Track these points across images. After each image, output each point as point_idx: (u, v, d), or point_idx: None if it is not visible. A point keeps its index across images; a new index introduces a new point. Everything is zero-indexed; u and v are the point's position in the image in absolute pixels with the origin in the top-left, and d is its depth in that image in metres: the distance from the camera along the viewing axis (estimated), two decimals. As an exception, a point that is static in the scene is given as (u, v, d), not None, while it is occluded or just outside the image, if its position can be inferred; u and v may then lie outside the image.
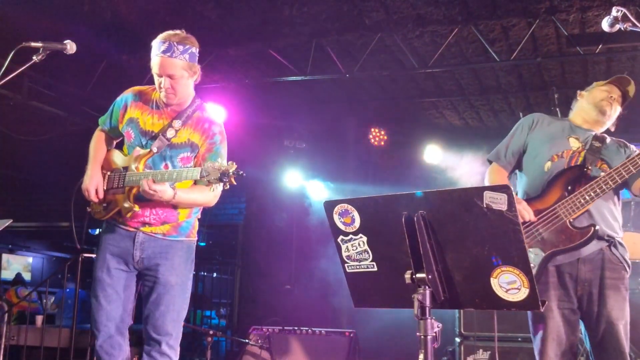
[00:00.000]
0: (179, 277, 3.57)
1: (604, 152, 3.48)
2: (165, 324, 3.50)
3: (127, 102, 3.64)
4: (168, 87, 3.45)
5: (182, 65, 3.44)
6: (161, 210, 3.53)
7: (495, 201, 2.17)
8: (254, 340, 6.02)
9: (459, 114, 9.65)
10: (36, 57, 3.36)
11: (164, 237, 3.56)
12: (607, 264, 3.34)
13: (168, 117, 3.58)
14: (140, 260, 3.53)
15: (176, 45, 3.42)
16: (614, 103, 3.58)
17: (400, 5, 6.37)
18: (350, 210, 2.45)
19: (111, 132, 3.75)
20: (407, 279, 2.32)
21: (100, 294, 3.49)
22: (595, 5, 6.24)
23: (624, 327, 3.27)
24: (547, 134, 3.62)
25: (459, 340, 5.62)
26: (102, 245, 3.58)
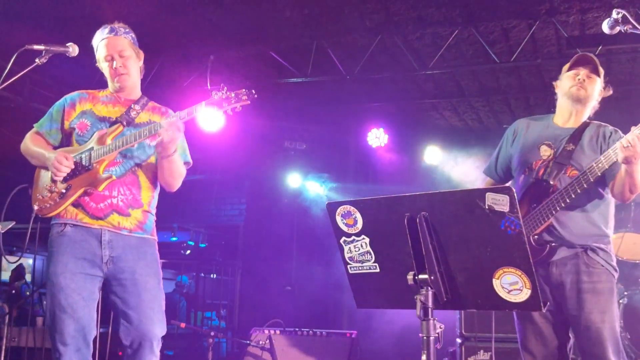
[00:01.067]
0: (156, 276, 3.43)
1: (576, 156, 3.38)
2: (153, 326, 3.33)
3: (73, 99, 3.56)
4: (120, 65, 3.46)
5: (128, 43, 3.52)
6: (129, 189, 3.40)
7: (497, 203, 2.18)
8: (255, 341, 6.02)
9: (459, 115, 9.66)
10: (39, 59, 3.37)
11: (131, 234, 3.38)
12: (582, 267, 3.27)
13: (123, 105, 3.55)
14: (109, 260, 3.30)
15: (118, 28, 3.52)
16: (587, 83, 3.45)
17: (400, 7, 6.38)
18: (353, 211, 2.46)
19: (49, 135, 3.54)
20: (410, 280, 2.33)
21: (64, 302, 3.19)
22: (595, 7, 6.25)
23: (609, 330, 3.20)
24: (522, 145, 3.58)
25: (460, 341, 5.62)
26: (60, 247, 3.29)
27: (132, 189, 3.41)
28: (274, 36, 7.06)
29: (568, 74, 3.50)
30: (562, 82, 3.55)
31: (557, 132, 3.51)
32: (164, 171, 3.44)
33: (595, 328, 3.19)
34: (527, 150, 3.54)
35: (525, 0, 6.23)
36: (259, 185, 10.25)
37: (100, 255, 3.29)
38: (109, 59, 3.47)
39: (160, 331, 3.36)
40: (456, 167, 9.62)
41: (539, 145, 3.50)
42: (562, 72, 3.60)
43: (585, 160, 3.35)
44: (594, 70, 3.47)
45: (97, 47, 3.53)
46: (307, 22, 6.77)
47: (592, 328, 3.20)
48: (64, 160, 3.29)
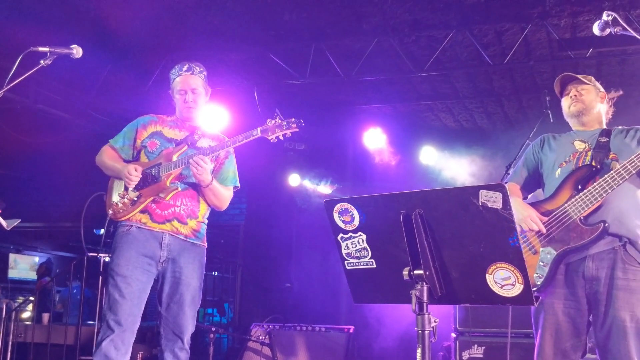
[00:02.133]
0: (199, 279, 3.84)
1: (613, 145, 3.39)
2: (188, 322, 3.74)
3: (145, 122, 3.99)
4: (191, 100, 3.90)
5: (201, 82, 3.98)
6: (190, 202, 3.81)
7: (491, 200, 2.18)
8: (255, 337, 6.02)
9: (453, 117, 9.65)
10: (43, 61, 3.40)
11: (186, 239, 3.79)
12: (618, 263, 3.21)
13: (188, 130, 3.99)
14: (165, 261, 3.73)
15: (194, 67, 3.97)
16: (581, 96, 3.52)
17: (396, 10, 6.37)
18: (350, 209, 2.46)
19: (122, 150, 3.97)
20: (405, 275, 2.33)
21: (125, 290, 3.59)
22: (586, 10, 6.25)
23: (635, 329, 3.13)
24: (555, 146, 3.60)
25: (455, 336, 5.62)
26: (125, 244, 3.69)
27: (192, 201, 3.84)
28: (273, 39, 7.05)
29: (564, 99, 3.63)
30: (564, 109, 3.67)
31: (586, 133, 3.56)
32: (207, 195, 3.87)
33: (622, 326, 3.13)
34: (562, 148, 3.55)
35: (518, 4, 6.23)
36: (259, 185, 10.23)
37: (159, 255, 3.71)
38: (183, 93, 3.92)
39: (192, 328, 3.79)
40: (451, 166, 9.63)
41: (573, 142, 3.53)
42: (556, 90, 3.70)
43: (624, 146, 3.36)
44: (581, 82, 3.56)
45: (173, 80, 3.98)
46: (306, 25, 6.76)
47: (620, 325, 3.14)
48: (134, 171, 3.71)
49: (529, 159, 3.73)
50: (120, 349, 3.56)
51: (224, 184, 3.98)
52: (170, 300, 3.72)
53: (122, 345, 3.57)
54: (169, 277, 3.74)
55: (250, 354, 6.02)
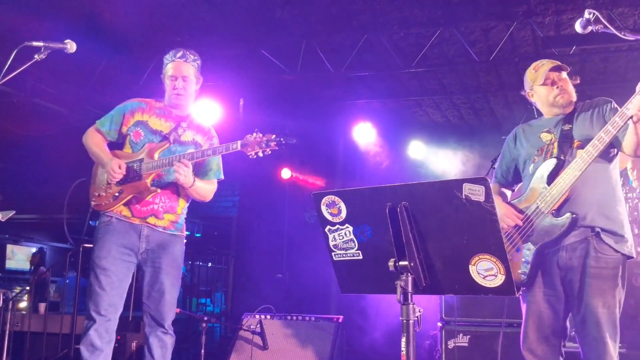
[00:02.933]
0: (178, 269, 3.88)
1: (576, 132, 3.37)
2: (168, 309, 3.79)
3: (133, 107, 3.92)
4: (181, 87, 3.84)
5: (193, 70, 3.92)
6: (168, 199, 3.82)
7: (474, 193, 2.18)
8: (246, 326, 6.02)
9: (441, 112, 9.67)
10: (38, 55, 3.38)
11: (165, 231, 3.82)
12: (591, 252, 3.22)
13: (174, 121, 3.93)
14: (144, 252, 3.76)
15: (188, 54, 3.92)
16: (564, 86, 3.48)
17: (385, 7, 6.37)
18: (337, 201, 2.45)
19: (109, 134, 3.92)
20: (391, 266, 2.33)
21: (104, 281, 3.64)
22: (570, 9, 6.27)
23: (607, 315, 3.16)
24: (525, 141, 3.60)
25: (441, 325, 5.64)
26: (105, 236, 3.73)
27: (171, 198, 3.84)
28: (265, 35, 7.04)
29: (545, 88, 3.51)
30: (539, 94, 3.56)
31: (551, 121, 3.53)
32: (189, 193, 3.88)
33: (595, 312, 3.16)
34: (531, 143, 3.55)
35: (503, 2, 6.24)
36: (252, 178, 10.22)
37: (138, 246, 3.75)
38: (173, 79, 3.86)
39: (172, 314, 3.84)
40: (439, 160, 9.66)
41: (539, 134, 3.52)
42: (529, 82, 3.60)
43: (586, 131, 3.33)
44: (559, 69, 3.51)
45: (165, 65, 3.93)
46: (297, 21, 6.75)
47: (592, 312, 3.16)
48: (117, 169, 3.71)
49: (505, 156, 3.73)
50: (104, 337, 3.64)
51: (206, 177, 3.98)
52: (151, 289, 3.77)
53: (105, 333, 3.65)
54: (149, 267, 3.78)
55: (242, 342, 6.02)
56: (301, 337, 5.92)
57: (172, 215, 3.86)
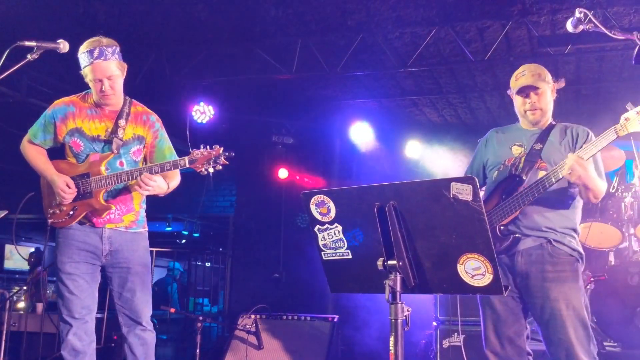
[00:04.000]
0: (146, 266, 3.81)
1: (545, 153, 3.40)
2: (143, 306, 3.73)
3: (63, 114, 3.71)
4: (108, 88, 3.59)
5: (116, 65, 3.60)
6: (124, 204, 3.73)
7: (461, 192, 2.18)
8: (242, 326, 6.03)
9: (438, 112, 9.66)
10: (30, 55, 3.36)
11: (127, 230, 3.75)
12: (547, 257, 3.26)
13: (109, 119, 3.72)
14: (108, 254, 3.68)
15: (106, 49, 3.56)
16: (537, 102, 3.46)
17: (380, 7, 6.36)
18: (327, 200, 2.45)
19: (45, 144, 3.79)
20: (380, 265, 2.33)
21: (71, 286, 3.59)
22: (565, 8, 6.26)
23: (574, 317, 3.17)
24: (496, 147, 3.61)
25: (436, 325, 5.65)
26: (66, 239, 3.66)
27: (126, 202, 3.74)
28: (260, 34, 7.03)
29: (518, 97, 3.51)
30: (515, 102, 3.57)
31: (526, 134, 3.53)
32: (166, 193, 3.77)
33: (560, 315, 3.17)
34: (500, 151, 3.57)
35: (498, 2, 6.23)
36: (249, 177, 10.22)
37: (100, 249, 3.66)
38: (98, 82, 3.59)
39: (148, 311, 3.76)
40: (435, 160, 9.65)
41: (511, 146, 3.53)
42: (510, 86, 3.59)
43: (553, 156, 3.37)
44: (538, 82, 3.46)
45: (84, 66, 3.61)
46: (292, 21, 6.74)
47: (557, 315, 3.18)
48: (67, 189, 3.60)
49: (477, 158, 3.76)
50: (85, 339, 3.62)
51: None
52: (122, 290, 3.71)
53: (85, 335, 3.62)
54: (116, 268, 3.71)
55: (237, 342, 6.02)
56: (297, 337, 5.93)
57: (132, 215, 3.78)
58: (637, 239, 5.98)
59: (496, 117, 9.63)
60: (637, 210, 5.94)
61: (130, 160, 3.74)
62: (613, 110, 3.48)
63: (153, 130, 3.81)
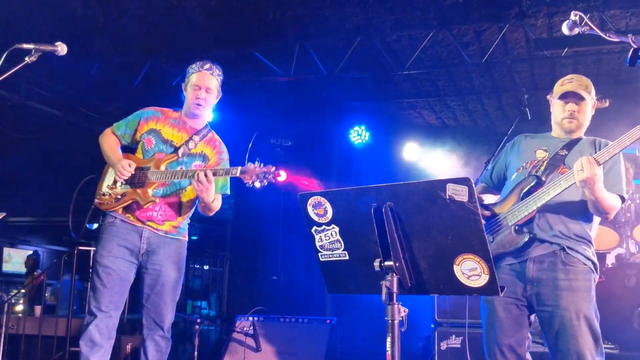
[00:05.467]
0: (179, 272, 3.88)
1: (569, 160, 3.31)
2: (168, 312, 3.81)
3: (149, 115, 3.96)
4: (203, 98, 3.87)
5: (216, 84, 3.96)
6: (168, 208, 3.83)
7: (457, 193, 2.18)
8: (239, 328, 6.02)
9: (436, 114, 9.68)
10: (28, 58, 3.36)
11: (166, 235, 3.83)
12: (559, 265, 3.19)
13: (187, 132, 3.95)
14: (145, 253, 3.77)
15: (215, 68, 3.95)
16: (577, 113, 3.38)
17: (378, 10, 6.38)
18: (323, 202, 2.46)
19: (123, 137, 3.99)
20: (376, 266, 2.33)
21: (105, 279, 3.69)
22: (561, 11, 6.28)
23: (585, 327, 3.11)
24: (520, 150, 3.56)
25: (433, 327, 5.65)
26: (108, 236, 3.78)
27: (172, 207, 3.85)
28: (258, 37, 7.04)
29: (559, 102, 3.43)
30: (554, 108, 3.50)
31: (553, 141, 3.48)
32: (201, 205, 3.88)
33: (570, 325, 3.11)
34: (524, 153, 3.51)
35: (495, 5, 6.26)
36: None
37: (138, 247, 3.76)
38: (197, 89, 3.87)
39: (171, 317, 3.86)
40: (434, 162, 9.66)
41: (536, 149, 3.48)
42: (553, 91, 3.51)
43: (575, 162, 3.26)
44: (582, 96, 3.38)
45: (190, 74, 3.93)
46: (290, 24, 6.76)
47: (567, 325, 3.11)
48: (127, 167, 3.76)
49: (500, 160, 3.71)
50: (104, 333, 3.67)
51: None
52: (150, 292, 3.78)
53: (105, 330, 3.68)
54: (149, 269, 3.78)
55: (235, 344, 6.02)
56: (294, 339, 5.92)
57: (173, 222, 3.87)
58: (635, 241, 5.98)
59: (494, 119, 9.65)
60: (635, 213, 5.94)
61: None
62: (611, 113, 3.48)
63: (218, 157, 3.99)
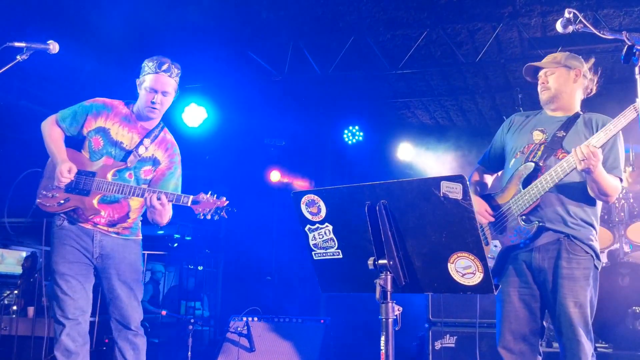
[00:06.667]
0: (136, 272, 3.79)
1: (566, 142, 3.34)
2: (131, 311, 3.73)
3: (97, 110, 3.78)
4: (159, 102, 3.69)
5: (174, 85, 3.75)
6: (116, 213, 3.72)
7: (451, 190, 2.17)
8: (233, 328, 6.01)
9: (430, 114, 9.68)
10: (20, 56, 3.33)
11: (118, 236, 3.75)
12: (563, 253, 3.23)
13: (137, 133, 3.79)
14: (99, 257, 3.68)
15: (173, 67, 3.73)
16: (548, 83, 3.47)
17: (372, 9, 6.38)
18: (317, 200, 2.44)
19: (68, 130, 3.80)
20: (370, 265, 2.32)
21: (64, 286, 3.59)
22: (555, 10, 6.30)
23: (579, 315, 3.18)
24: (516, 132, 3.57)
25: (428, 326, 5.64)
26: (60, 240, 3.66)
27: (120, 212, 3.74)
28: (251, 37, 7.03)
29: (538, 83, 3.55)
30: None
31: (550, 120, 3.49)
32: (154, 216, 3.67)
33: (568, 312, 3.18)
34: (521, 135, 3.53)
35: (489, 4, 6.27)
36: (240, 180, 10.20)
37: (92, 251, 3.67)
38: (152, 92, 3.69)
39: (138, 316, 3.76)
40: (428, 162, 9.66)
41: (532, 130, 3.49)
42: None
43: (574, 146, 3.24)
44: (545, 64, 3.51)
45: (145, 74, 3.72)
46: (284, 23, 6.75)
47: (566, 312, 3.18)
48: (66, 173, 3.56)
49: (496, 140, 3.71)
50: (78, 340, 3.60)
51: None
52: (110, 295, 3.71)
53: (78, 336, 3.60)
54: (105, 273, 3.71)
55: (229, 345, 6.00)
56: (288, 339, 5.91)
57: (124, 224, 3.77)
58: (628, 240, 6.00)
59: (488, 119, 9.66)
60: (628, 212, 5.95)
61: (139, 177, 3.77)
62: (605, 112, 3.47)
63: (170, 160, 3.87)
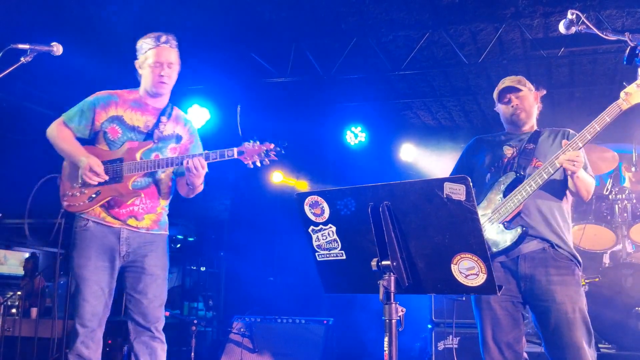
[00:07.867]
0: (163, 267, 3.65)
1: (538, 152, 3.42)
2: (155, 311, 3.57)
3: (105, 101, 3.64)
4: (167, 75, 3.57)
5: (176, 55, 3.64)
6: (149, 199, 3.60)
7: (455, 192, 2.17)
8: (236, 329, 6.02)
9: (432, 114, 9.68)
10: (24, 58, 3.33)
11: (148, 232, 3.61)
12: (550, 261, 3.25)
13: (150, 114, 3.68)
14: (126, 255, 3.54)
15: (170, 37, 3.62)
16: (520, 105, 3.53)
17: (374, 10, 6.39)
18: (320, 201, 2.45)
19: (78, 130, 3.64)
20: (373, 266, 2.32)
21: (85, 292, 3.44)
22: (557, 11, 6.29)
23: (580, 319, 3.17)
24: (486, 151, 3.62)
25: (431, 327, 5.64)
26: (84, 242, 3.50)
27: (152, 199, 3.62)
28: (254, 38, 7.03)
29: (502, 106, 3.59)
30: (500, 112, 3.65)
31: (516, 137, 3.57)
32: (186, 188, 3.66)
33: (566, 318, 3.16)
34: (491, 154, 3.57)
35: (491, 5, 6.26)
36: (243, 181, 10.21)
37: (118, 250, 3.52)
38: (158, 66, 3.56)
39: (160, 317, 3.61)
40: (430, 163, 9.66)
41: (502, 147, 3.55)
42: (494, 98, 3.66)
43: (547, 154, 3.37)
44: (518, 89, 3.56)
45: (145, 51, 3.61)
46: (286, 24, 6.75)
47: (564, 319, 3.16)
48: (97, 168, 3.46)
49: (462, 166, 3.75)
50: (91, 347, 3.48)
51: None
52: (133, 291, 3.55)
53: (92, 343, 3.48)
54: (132, 270, 3.56)
55: (232, 345, 6.02)
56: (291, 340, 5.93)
57: (153, 215, 3.63)
58: (631, 240, 6.00)
59: (490, 119, 9.66)
60: (631, 213, 5.95)
61: (165, 156, 3.63)
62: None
63: (190, 134, 3.79)
